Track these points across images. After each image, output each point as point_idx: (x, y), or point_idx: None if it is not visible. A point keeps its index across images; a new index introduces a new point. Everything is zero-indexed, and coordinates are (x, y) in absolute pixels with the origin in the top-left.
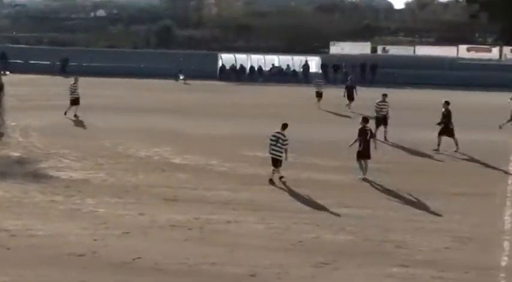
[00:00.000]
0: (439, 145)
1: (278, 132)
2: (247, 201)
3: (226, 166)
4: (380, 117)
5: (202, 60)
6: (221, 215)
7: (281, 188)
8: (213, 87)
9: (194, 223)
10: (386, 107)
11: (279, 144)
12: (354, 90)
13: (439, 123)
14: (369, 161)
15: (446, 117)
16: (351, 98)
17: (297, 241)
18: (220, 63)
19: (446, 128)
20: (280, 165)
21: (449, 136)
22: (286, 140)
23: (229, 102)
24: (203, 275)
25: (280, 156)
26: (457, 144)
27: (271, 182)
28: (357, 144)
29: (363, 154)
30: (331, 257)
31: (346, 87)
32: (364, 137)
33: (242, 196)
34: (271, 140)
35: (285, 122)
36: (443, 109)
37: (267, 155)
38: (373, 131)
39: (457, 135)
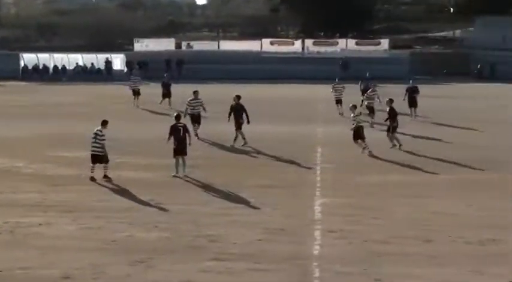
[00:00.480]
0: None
1: (97, 129)
2: (57, 203)
3: (33, 168)
4: (195, 115)
5: (3, 60)
6: (31, 218)
7: (92, 188)
8: (16, 87)
9: (3, 227)
10: (199, 104)
11: (97, 140)
12: (170, 87)
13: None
14: (186, 157)
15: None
16: (168, 95)
17: (111, 240)
18: (22, 64)
19: (236, 121)
20: (106, 162)
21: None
22: (103, 136)
23: (32, 103)
24: (16, 280)
25: (100, 152)
26: (244, 139)
27: (92, 179)
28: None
29: (179, 151)
30: (145, 254)
31: (163, 84)
32: (178, 134)
33: (52, 197)
34: (92, 137)
35: (104, 119)
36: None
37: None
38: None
39: (265, 127)
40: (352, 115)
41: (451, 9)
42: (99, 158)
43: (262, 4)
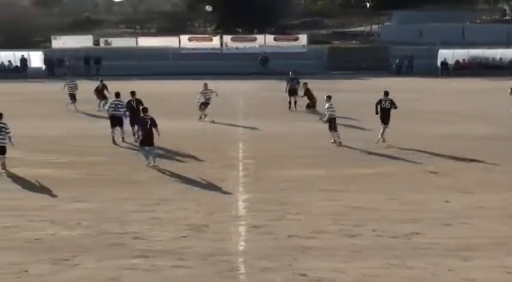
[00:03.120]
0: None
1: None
2: None
3: None
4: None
5: None
6: None
7: (13, 186)
8: None
9: None
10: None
11: (2, 133)
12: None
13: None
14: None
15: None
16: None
17: (34, 239)
18: None
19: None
20: (4, 153)
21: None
22: (8, 128)
23: None
24: None
25: (4, 144)
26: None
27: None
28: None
29: (145, 141)
30: (69, 253)
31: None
32: (145, 126)
33: None
34: None
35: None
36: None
37: None
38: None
39: (185, 123)
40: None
41: (368, 4)
42: (4, 150)
43: (180, 0)
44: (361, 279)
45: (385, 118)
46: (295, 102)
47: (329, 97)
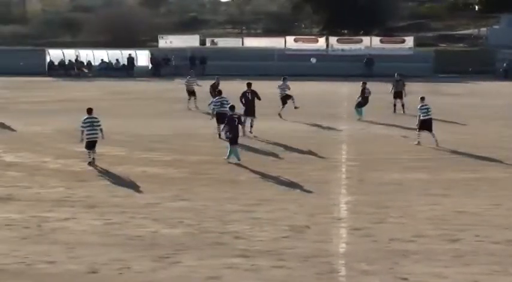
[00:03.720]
0: None
1: (90, 117)
2: (83, 198)
3: (60, 163)
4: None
5: (29, 56)
6: (58, 213)
7: (117, 183)
8: (42, 83)
9: (31, 221)
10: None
11: (95, 127)
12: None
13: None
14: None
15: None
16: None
17: (135, 236)
18: (48, 59)
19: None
20: (94, 147)
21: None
22: (99, 122)
23: (58, 98)
24: (42, 274)
25: (96, 138)
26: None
27: (90, 164)
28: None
29: (235, 140)
30: (170, 250)
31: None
32: (232, 124)
33: (78, 193)
34: (88, 125)
35: (89, 107)
36: None
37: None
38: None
39: (295, 125)
40: None
41: (476, 7)
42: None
43: (286, 1)
44: None
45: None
46: (403, 105)
47: (422, 98)
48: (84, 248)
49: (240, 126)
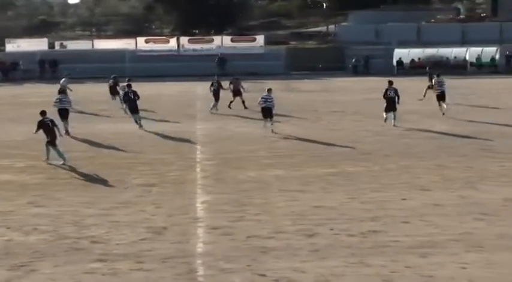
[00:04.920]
0: None
1: None
2: None
3: None
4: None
5: None
6: None
7: None
8: None
9: None
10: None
11: None
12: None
13: None
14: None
15: None
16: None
17: None
18: None
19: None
20: None
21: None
22: None
23: None
24: None
25: None
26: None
27: None
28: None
29: (51, 142)
30: (26, 258)
31: None
32: (47, 127)
33: None
34: None
35: None
36: None
37: None
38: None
39: (147, 125)
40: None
41: (324, 5)
42: None
43: (136, 2)
44: (320, 278)
45: (391, 106)
46: (243, 101)
47: (269, 90)
48: None
49: (55, 128)
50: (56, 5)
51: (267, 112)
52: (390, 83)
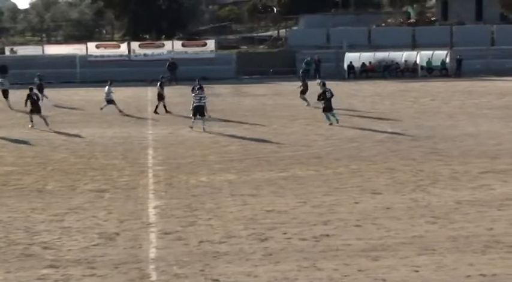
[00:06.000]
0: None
1: None
2: None
3: None
4: None
5: None
6: None
7: None
8: None
9: None
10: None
11: None
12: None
13: None
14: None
15: None
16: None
17: None
18: None
19: None
20: None
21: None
22: None
23: None
24: None
25: None
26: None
27: None
28: None
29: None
30: None
31: None
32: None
33: None
34: None
35: None
36: None
37: None
38: None
39: (95, 130)
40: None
41: (275, 9)
42: None
43: (87, 7)
44: None
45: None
46: (165, 106)
47: (201, 87)
48: None
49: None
50: (5, 10)
51: (199, 110)
52: (323, 84)
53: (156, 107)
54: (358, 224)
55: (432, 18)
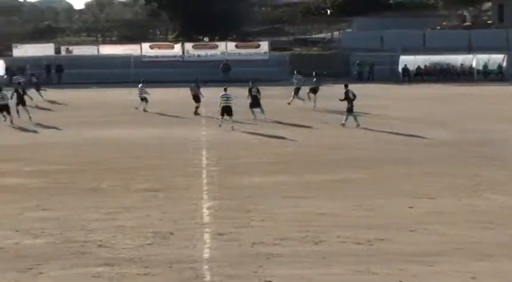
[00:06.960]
0: None
1: None
2: None
3: None
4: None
5: None
6: None
7: None
8: None
9: None
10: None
11: None
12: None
13: None
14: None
15: None
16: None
17: None
18: None
19: None
20: None
21: None
22: None
23: None
24: None
25: None
26: None
27: None
28: None
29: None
30: (33, 261)
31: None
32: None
33: None
34: None
35: None
36: None
37: None
38: None
39: (147, 130)
40: None
41: (328, 11)
42: None
43: (141, 8)
44: None
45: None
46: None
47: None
48: None
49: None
50: (61, 11)
51: (227, 110)
52: (346, 86)
53: (196, 108)
54: (413, 228)
55: (488, 22)
